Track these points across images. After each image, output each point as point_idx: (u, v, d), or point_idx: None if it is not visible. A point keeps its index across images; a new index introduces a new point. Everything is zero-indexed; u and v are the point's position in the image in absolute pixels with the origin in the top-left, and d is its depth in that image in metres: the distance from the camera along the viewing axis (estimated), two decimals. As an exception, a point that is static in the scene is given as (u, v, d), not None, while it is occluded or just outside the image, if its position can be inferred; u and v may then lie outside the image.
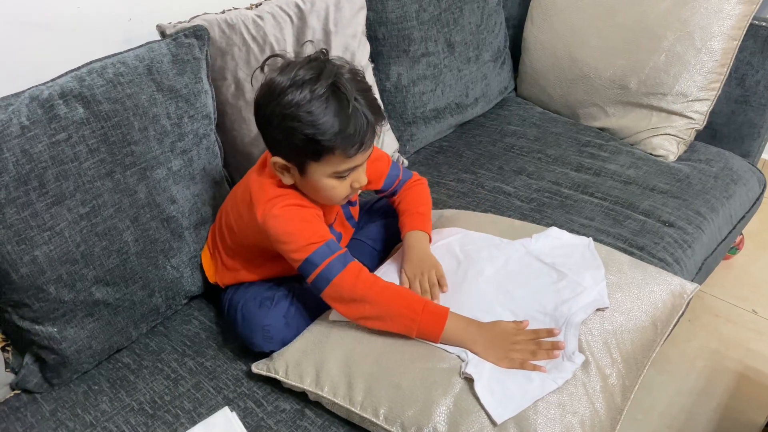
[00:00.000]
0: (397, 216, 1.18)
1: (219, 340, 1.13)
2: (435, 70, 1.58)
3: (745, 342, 1.62)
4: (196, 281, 1.20)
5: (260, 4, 1.29)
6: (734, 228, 1.46)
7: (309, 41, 1.29)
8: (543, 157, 1.54)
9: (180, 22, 1.16)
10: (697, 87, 1.48)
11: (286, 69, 0.92)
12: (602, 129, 1.63)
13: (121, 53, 1.05)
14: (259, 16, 1.24)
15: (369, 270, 1.00)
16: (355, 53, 1.40)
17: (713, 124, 1.56)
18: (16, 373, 1.06)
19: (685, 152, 1.54)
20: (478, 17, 1.64)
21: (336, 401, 0.93)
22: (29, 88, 0.96)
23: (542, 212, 1.36)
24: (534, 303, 1.00)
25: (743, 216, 1.49)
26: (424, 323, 0.94)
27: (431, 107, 1.61)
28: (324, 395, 0.94)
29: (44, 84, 0.97)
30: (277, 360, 1.01)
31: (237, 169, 1.29)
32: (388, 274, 1.09)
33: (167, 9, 1.24)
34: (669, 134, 1.52)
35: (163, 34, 1.14)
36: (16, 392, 1.06)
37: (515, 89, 1.85)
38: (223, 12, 1.23)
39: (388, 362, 0.94)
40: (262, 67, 0.98)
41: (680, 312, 1.04)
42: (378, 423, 0.90)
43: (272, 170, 1.00)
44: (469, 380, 0.89)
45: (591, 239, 1.14)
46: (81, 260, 1.01)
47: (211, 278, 1.17)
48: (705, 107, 1.50)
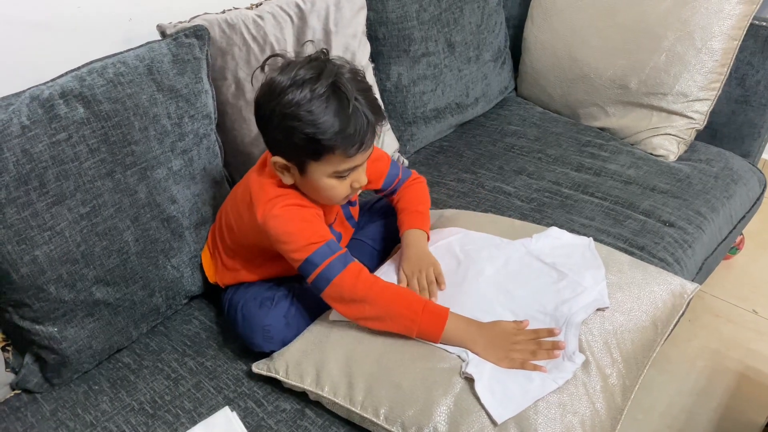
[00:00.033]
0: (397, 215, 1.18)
1: (219, 340, 1.13)
2: (435, 70, 1.58)
3: (746, 342, 1.62)
4: (197, 281, 1.20)
5: (260, 4, 1.29)
6: (734, 228, 1.46)
7: (309, 41, 1.29)
8: (543, 157, 1.54)
9: (180, 22, 1.16)
10: (698, 87, 1.48)
11: (287, 68, 0.92)
12: (602, 129, 1.63)
13: (122, 53, 1.05)
14: (260, 16, 1.24)
15: (369, 270, 1.00)
16: (356, 53, 1.40)
17: (713, 124, 1.55)
18: (17, 373, 1.06)
19: (686, 152, 1.54)
20: (479, 17, 1.64)
21: (336, 401, 0.93)
22: (30, 88, 0.96)
23: (542, 212, 1.36)
24: (534, 303, 1.00)
25: (743, 216, 1.49)
26: (425, 324, 0.94)
27: (431, 107, 1.61)
28: (324, 395, 0.94)
29: (45, 84, 0.97)
30: (278, 360, 1.01)
31: (237, 169, 1.29)
32: (388, 274, 1.09)
33: (167, 9, 1.24)
34: (669, 134, 1.52)
35: (164, 34, 1.14)
36: (17, 392, 1.06)
37: (515, 89, 1.85)
38: (224, 12, 1.23)
39: (389, 362, 0.94)
40: (263, 67, 0.98)
41: (680, 312, 1.04)
42: (378, 423, 0.90)
43: (272, 170, 1.00)
44: (470, 380, 0.89)
45: (591, 239, 1.14)
46: (81, 260, 1.01)
47: (211, 278, 1.17)
48: (705, 107, 1.50)
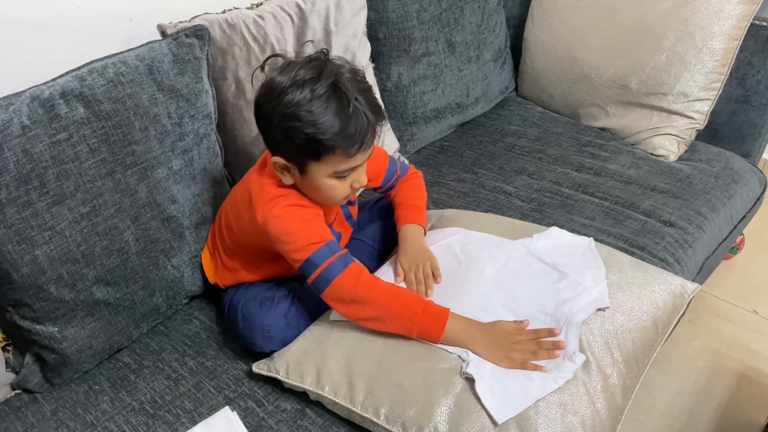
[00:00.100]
0: (397, 215, 1.18)
1: (220, 340, 1.13)
2: (436, 70, 1.58)
3: (746, 342, 1.62)
4: (197, 281, 1.20)
5: (261, 4, 1.29)
6: (735, 228, 1.46)
7: (309, 41, 1.29)
8: (544, 157, 1.54)
9: (181, 22, 1.16)
10: (698, 87, 1.48)
11: (287, 69, 0.92)
12: (603, 129, 1.63)
13: (122, 53, 1.05)
14: (260, 16, 1.24)
15: (369, 270, 1.00)
16: (356, 53, 1.40)
17: (714, 124, 1.55)
18: (17, 373, 1.06)
19: (686, 152, 1.54)
20: (479, 17, 1.64)
21: (337, 401, 0.93)
22: (30, 88, 0.96)
23: (543, 212, 1.36)
24: (535, 303, 1.00)
25: (744, 216, 1.49)
26: (425, 324, 0.94)
27: (432, 107, 1.61)
28: (325, 395, 0.94)
29: (45, 84, 0.97)
30: (278, 360, 1.01)
31: (237, 169, 1.29)
32: (388, 275, 1.09)
33: (168, 9, 1.24)
34: (670, 134, 1.52)
35: (164, 34, 1.14)
36: (17, 392, 1.06)
37: (516, 89, 1.85)
38: (224, 12, 1.23)
39: (389, 362, 0.94)
40: (263, 67, 0.98)
41: (681, 312, 1.04)
42: (379, 423, 0.90)
43: (272, 170, 1.00)
44: (470, 380, 0.89)
45: (592, 239, 1.14)
46: (81, 260, 1.01)
47: (211, 279, 1.17)
48: (706, 107, 1.50)
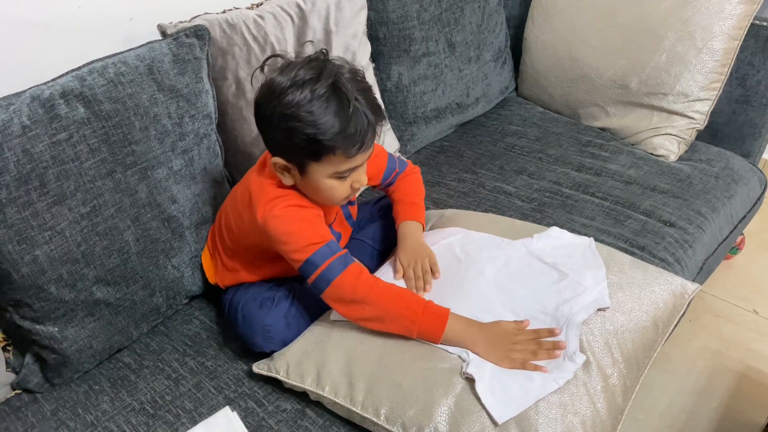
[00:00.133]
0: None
1: (220, 340, 1.13)
2: (436, 70, 1.58)
3: (746, 342, 1.62)
4: (197, 281, 1.20)
5: (261, 4, 1.29)
6: (735, 228, 1.46)
7: (309, 41, 1.29)
8: (544, 157, 1.54)
9: (181, 22, 1.16)
10: (698, 87, 1.48)
11: (287, 69, 0.92)
12: (603, 129, 1.62)
13: (122, 53, 1.05)
14: (260, 16, 1.24)
15: (370, 270, 1.00)
16: (356, 53, 1.40)
17: (714, 124, 1.55)
18: (17, 373, 1.06)
19: (686, 152, 1.54)
20: (479, 17, 1.64)
21: (337, 401, 0.93)
22: (30, 88, 0.96)
23: (543, 212, 1.36)
24: (535, 303, 1.00)
25: (744, 216, 1.49)
26: (425, 325, 0.94)
27: (432, 107, 1.61)
28: (325, 395, 0.94)
29: (45, 84, 0.97)
30: (278, 360, 1.01)
31: (238, 169, 1.29)
32: (388, 273, 1.09)
33: (168, 9, 1.24)
34: (670, 134, 1.51)
35: (164, 34, 1.14)
36: (17, 392, 1.06)
37: (516, 89, 1.85)
38: (224, 12, 1.23)
39: (389, 362, 0.94)
40: (262, 68, 0.98)
41: (681, 312, 1.04)
42: (379, 423, 0.90)
43: (272, 171, 1.00)
44: (470, 380, 0.89)
45: (592, 239, 1.14)
46: (82, 260, 1.01)
47: (212, 279, 1.17)
48: (706, 107, 1.50)
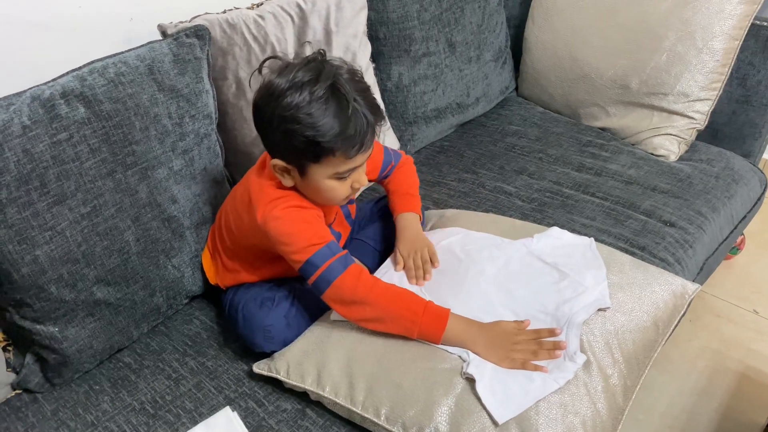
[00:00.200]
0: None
1: (220, 340, 1.13)
2: (436, 70, 1.58)
3: (746, 342, 1.62)
4: (197, 281, 1.20)
5: (261, 4, 1.29)
6: (735, 228, 1.46)
7: (307, 42, 1.29)
8: (544, 157, 1.54)
9: (181, 22, 1.16)
10: (699, 87, 1.48)
11: (285, 71, 0.92)
12: (603, 129, 1.62)
13: (123, 53, 1.05)
14: (261, 16, 1.24)
15: (370, 270, 1.00)
16: (356, 53, 1.40)
17: (714, 124, 1.55)
18: (18, 373, 1.06)
19: (687, 152, 1.54)
20: (480, 17, 1.64)
21: (337, 401, 0.93)
22: (30, 88, 0.96)
23: (543, 212, 1.36)
24: (535, 303, 1.00)
25: (744, 216, 1.48)
26: (425, 325, 0.94)
27: (432, 107, 1.61)
28: (325, 395, 0.94)
29: (45, 84, 0.97)
30: (279, 360, 1.01)
31: (238, 169, 1.29)
32: (390, 272, 1.09)
33: (168, 9, 1.24)
34: (670, 134, 1.51)
35: (165, 34, 1.14)
36: (18, 392, 1.06)
37: (516, 89, 1.85)
38: (224, 12, 1.23)
39: (390, 362, 0.94)
40: (260, 70, 0.98)
41: (682, 312, 1.04)
42: (379, 423, 0.90)
43: (272, 172, 1.00)
44: (471, 380, 0.89)
45: (592, 239, 1.14)
46: (82, 260, 1.01)
47: (212, 279, 1.17)
48: (706, 107, 1.50)
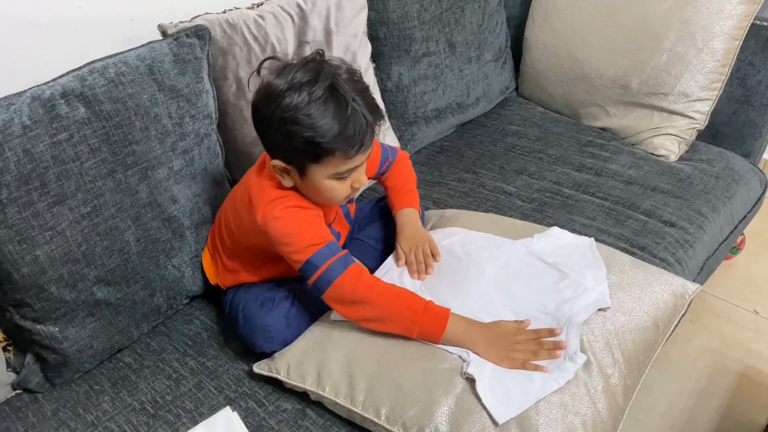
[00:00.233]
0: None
1: (220, 340, 1.13)
2: (436, 70, 1.58)
3: (747, 342, 1.62)
4: (197, 281, 1.20)
5: (261, 4, 1.29)
6: (735, 228, 1.46)
7: (306, 42, 1.29)
8: (544, 157, 1.54)
9: (181, 22, 1.16)
10: (699, 87, 1.48)
11: (284, 71, 0.92)
12: (603, 129, 1.62)
13: (123, 53, 1.05)
14: (261, 16, 1.24)
15: (371, 270, 1.00)
16: (357, 53, 1.40)
17: (715, 124, 1.55)
18: (18, 373, 1.06)
19: (687, 152, 1.54)
20: (480, 17, 1.64)
21: (337, 401, 0.93)
22: (31, 88, 0.96)
23: (543, 212, 1.36)
24: (535, 303, 1.00)
25: (744, 216, 1.48)
26: (425, 325, 0.94)
27: (432, 107, 1.61)
28: (325, 395, 0.94)
29: (46, 84, 0.97)
30: (279, 360, 1.01)
31: (238, 169, 1.29)
32: (392, 271, 1.09)
33: (168, 9, 1.24)
34: (670, 134, 1.51)
35: (165, 34, 1.14)
36: (18, 392, 1.06)
37: (516, 89, 1.85)
38: (225, 12, 1.23)
39: (390, 362, 0.94)
40: (259, 71, 0.98)
41: (682, 312, 1.04)
42: (379, 423, 0.90)
43: (271, 172, 1.00)
44: (471, 380, 0.89)
45: (593, 239, 1.14)
46: (82, 260, 1.01)
47: (212, 280, 1.17)
48: (706, 107, 1.50)
